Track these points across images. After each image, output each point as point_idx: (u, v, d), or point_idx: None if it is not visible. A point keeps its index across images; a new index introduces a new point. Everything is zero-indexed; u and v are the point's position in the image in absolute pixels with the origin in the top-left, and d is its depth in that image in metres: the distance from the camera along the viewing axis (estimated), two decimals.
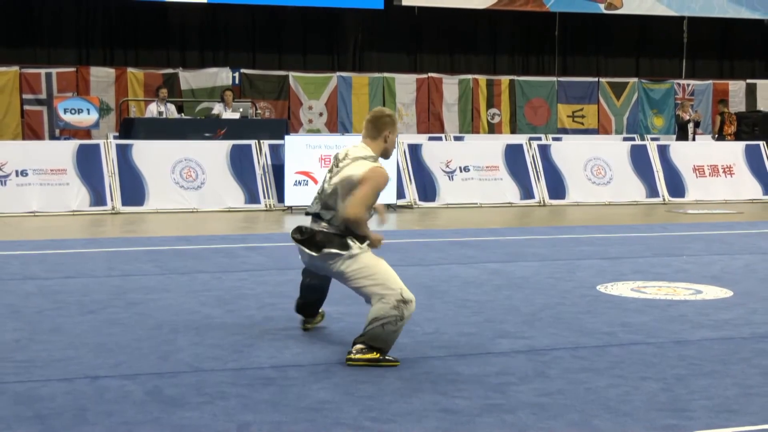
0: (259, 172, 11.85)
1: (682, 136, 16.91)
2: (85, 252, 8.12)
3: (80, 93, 16.50)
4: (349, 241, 4.47)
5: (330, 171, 4.64)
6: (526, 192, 12.75)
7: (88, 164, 11.24)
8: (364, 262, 4.45)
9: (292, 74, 18.25)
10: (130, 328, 5.11)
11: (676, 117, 17.97)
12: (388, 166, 13.26)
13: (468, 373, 4.26)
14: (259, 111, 15.40)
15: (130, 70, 17.42)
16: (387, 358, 4.37)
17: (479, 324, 5.30)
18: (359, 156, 4.57)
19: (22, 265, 7.24)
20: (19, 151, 11.28)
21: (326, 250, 4.47)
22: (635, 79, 20.19)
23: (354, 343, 4.40)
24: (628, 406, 3.80)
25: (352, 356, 4.36)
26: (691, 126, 16.95)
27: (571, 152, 13.34)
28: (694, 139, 16.83)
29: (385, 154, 4.69)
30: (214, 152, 11.80)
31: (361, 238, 4.50)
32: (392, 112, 4.76)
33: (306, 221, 4.73)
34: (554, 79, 19.84)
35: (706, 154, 13.88)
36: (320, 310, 5.13)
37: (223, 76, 17.76)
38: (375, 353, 4.34)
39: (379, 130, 4.60)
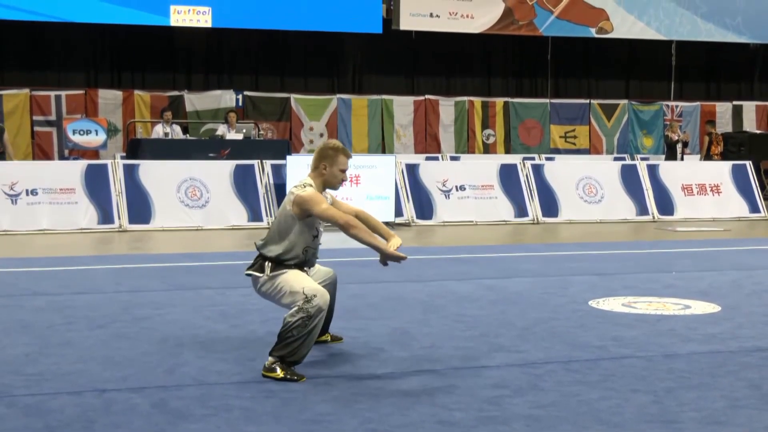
0: (261, 191, 11.97)
1: (671, 155, 17.09)
2: (93, 268, 8.19)
3: (89, 114, 16.63)
4: (265, 264, 4.63)
5: None
6: (520, 210, 12.88)
7: (96, 184, 11.35)
8: (277, 280, 4.58)
9: (293, 96, 18.42)
10: (137, 343, 5.17)
11: (665, 137, 18.15)
12: (387, 184, 13.33)
13: (464, 385, 4.32)
14: (261, 132, 15.55)
15: (137, 92, 17.57)
16: (289, 377, 4.38)
17: (474, 338, 5.36)
18: (293, 188, 4.69)
19: (33, 282, 7.31)
20: (29, 171, 11.40)
21: (247, 272, 4.72)
22: (625, 101, 20.38)
23: (269, 353, 4.47)
24: (619, 418, 3.86)
25: (264, 371, 4.45)
26: (679, 146, 17.13)
27: (564, 171, 13.48)
28: (682, 159, 17.00)
29: (327, 185, 4.69)
30: (219, 172, 11.93)
31: (278, 264, 4.58)
32: (339, 145, 4.74)
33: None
34: (547, 100, 20.02)
35: (694, 174, 14.03)
36: (331, 334, 5.16)
37: (226, 98, 17.92)
38: (280, 371, 4.39)
39: (317, 161, 4.70)
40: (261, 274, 4.64)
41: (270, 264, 4.63)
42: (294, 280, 4.55)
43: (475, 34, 19.02)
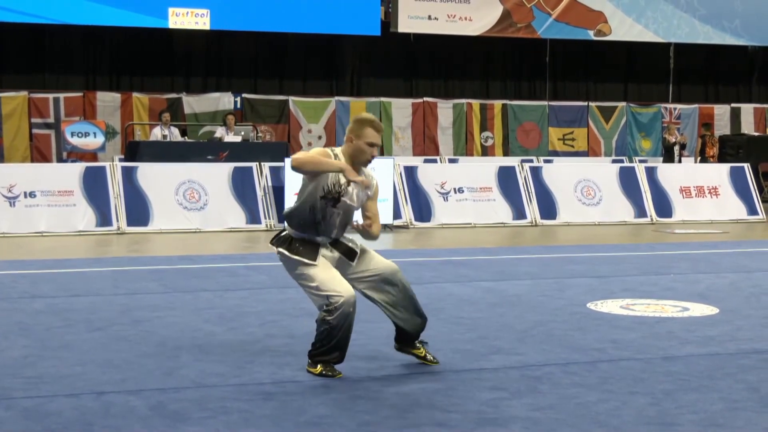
0: (260, 193, 11.98)
1: (668, 158, 17.13)
2: (91, 271, 8.20)
3: (87, 117, 16.64)
4: (281, 234, 4.61)
5: None
6: (519, 212, 12.89)
7: (94, 186, 11.35)
8: (303, 270, 4.52)
9: (292, 99, 18.44)
10: (135, 345, 5.18)
11: (663, 140, 18.19)
12: (386, 186, 13.35)
13: (462, 388, 4.33)
14: (260, 134, 15.58)
15: (135, 95, 17.58)
16: (326, 373, 4.49)
17: (473, 341, 5.38)
18: None
19: (31, 284, 7.32)
20: (27, 174, 11.40)
21: (277, 248, 4.61)
22: (624, 104, 20.41)
23: (308, 353, 4.59)
24: (617, 420, 3.87)
25: (308, 368, 4.59)
26: (676, 148, 17.17)
27: (562, 174, 13.50)
28: (680, 161, 17.03)
29: (354, 159, 4.52)
30: (217, 174, 11.94)
31: (289, 221, 4.54)
32: (369, 116, 4.60)
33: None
34: (545, 103, 20.05)
35: (692, 176, 14.05)
36: (427, 352, 4.79)
37: (225, 100, 17.94)
38: (318, 367, 4.52)
39: (348, 132, 4.62)
40: (276, 252, 4.61)
41: (283, 237, 4.58)
42: (319, 279, 4.47)
43: (474, 37, 19.04)
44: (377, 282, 4.64)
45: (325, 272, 4.51)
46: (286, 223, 4.66)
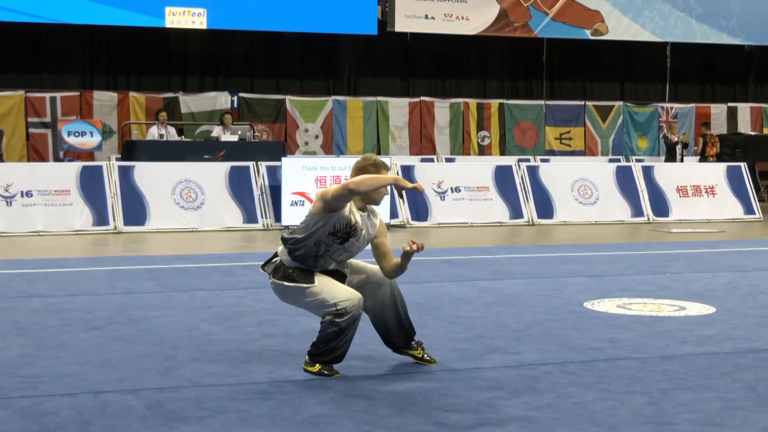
0: (257, 192, 11.98)
1: (670, 157, 17.16)
2: (88, 270, 8.20)
3: (84, 116, 16.64)
4: (274, 260, 4.58)
5: None
6: (516, 212, 12.90)
7: (91, 185, 11.36)
8: (304, 292, 4.50)
9: (288, 98, 18.43)
10: (132, 345, 5.18)
11: (665, 139, 18.21)
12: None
13: (459, 387, 4.33)
14: (257, 134, 15.58)
15: (132, 94, 17.57)
16: (324, 372, 4.50)
17: (470, 340, 5.38)
18: None
19: (28, 283, 7.32)
20: (24, 173, 11.40)
21: (271, 278, 4.58)
22: (620, 103, 20.43)
23: (308, 352, 4.58)
24: (614, 420, 3.87)
25: (304, 365, 4.58)
26: (679, 147, 17.20)
27: (559, 173, 13.52)
28: (682, 160, 17.05)
29: (368, 200, 4.56)
30: (214, 174, 11.94)
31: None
32: (378, 160, 4.56)
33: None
34: (542, 102, 20.06)
35: (689, 175, 14.08)
36: (424, 352, 4.79)
37: (222, 100, 17.94)
38: (317, 366, 4.52)
39: (356, 175, 4.54)
40: (270, 280, 4.59)
41: (276, 263, 4.55)
42: (325, 291, 4.44)
43: (471, 36, 19.05)
44: (371, 287, 4.64)
45: (327, 285, 4.50)
46: (280, 248, 4.59)
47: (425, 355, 4.79)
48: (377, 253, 4.68)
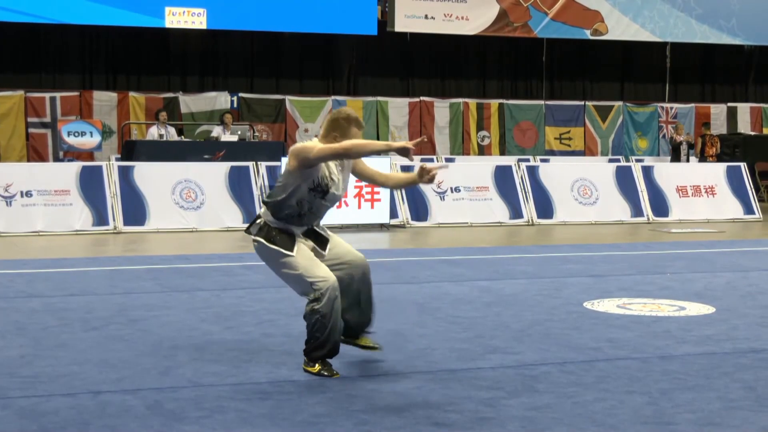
0: (256, 192, 11.98)
1: (676, 157, 17.18)
2: (88, 270, 8.20)
3: (83, 116, 16.64)
4: (257, 221, 4.57)
5: None
6: (515, 212, 12.90)
7: (91, 185, 11.36)
8: (282, 260, 4.48)
9: (288, 98, 18.44)
10: (131, 345, 5.18)
11: (670, 139, 18.23)
12: (382, 188, 13.25)
13: (459, 387, 4.33)
14: (256, 134, 15.58)
15: (131, 94, 17.58)
16: (323, 372, 4.48)
17: (470, 340, 5.38)
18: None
19: (28, 283, 7.32)
20: (24, 173, 11.40)
21: (254, 236, 4.57)
22: (620, 103, 20.44)
23: (303, 352, 4.57)
24: (614, 420, 3.87)
25: (304, 367, 4.56)
26: (684, 147, 17.21)
27: (559, 173, 13.52)
28: (687, 160, 17.06)
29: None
30: (214, 174, 11.94)
31: (275, 214, 4.49)
32: (352, 115, 4.51)
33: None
34: (542, 102, 20.07)
35: (689, 175, 14.08)
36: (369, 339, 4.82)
37: (221, 100, 17.94)
38: (316, 366, 4.50)
39: (328, 129, 4.52)
40: (254, 240, 4.58)
41: (260, 224, 4.55)
42: (301, 266, 4.44)
43: (470, 36, 19.06)
44: (345, 273, 4.62)
45: (306, 260, 4.49)
46: (263, 209, 4.60)
47: (369, 342, 4.80)
48: (367, 176, 4.72)
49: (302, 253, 4.50)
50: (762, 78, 21.78)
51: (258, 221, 4.62)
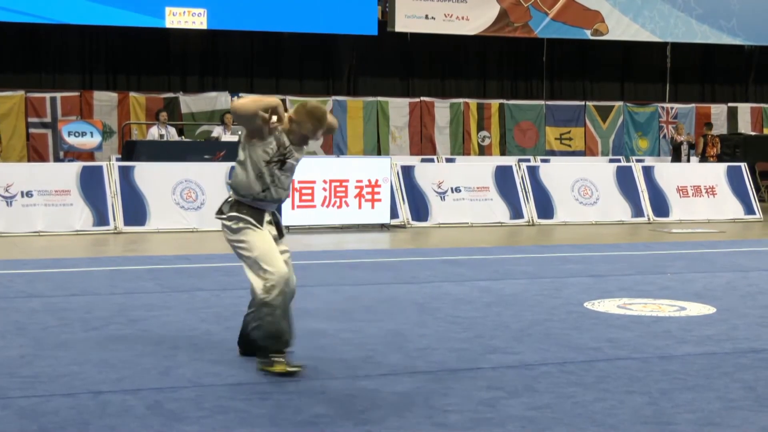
0: None
1: (676, 157, 17.17)
2: (88, 270, 8.20)
3: (84, 117, 16.63)
4: (226, 203, 4.61)
5: None
6: (516, 212, 12.90)
7: (91, 185, 11.35)
8: (242, 237, 4.51)
9: (288, 98, 18.42)
10: (132, 345, 5.18)
11: (671, 139, 18.22)
12: (383, 186, 13.28)
13: (459, 387, 4.33)
14: None
15: (132, 94, 17.58)
16: (288, 369, 4.45)
17: (470, 340, 5.38)
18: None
19: (28, 283, 7.32)
20: (24, 173, 11.39)
21: (217, 216, 4.64)
22: (620, 103, 20.44)
23: (257, 350, 4.56)
24: (614, 420, 3.87)
25: (261, 366, 4.54)
26: (684, 147, 17.20)
27: (559, 173, 13.52)
28: (688, 160, 17.05)
29: (252, 134, 4.55)
30: (214, 174, 11.94)
31: (237, 196, 4.54)
32: (318, 112, 4.53)
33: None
34: (542, 102, 20.07)
35: (689, 175, 14.08)
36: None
37: (222, 100, 17.93)
38: (276, 366, 4.47)
39: (293, 116, 4.58)
40: (224, 218, 4.60)
41: (230, 202, 4.59)
42: (259, 250, 4.46)
43: (471, 36, 19.06)
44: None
45: (266, 244, 4.51)
46: (232, 192, 4.64)
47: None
48: None
49: (264, 237, 4.53)
50: (762, 78, 21.78)
51: (229, 199, 4.66)
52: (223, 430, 3.71)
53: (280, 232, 4.71)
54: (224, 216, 4.61)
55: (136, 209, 11.43)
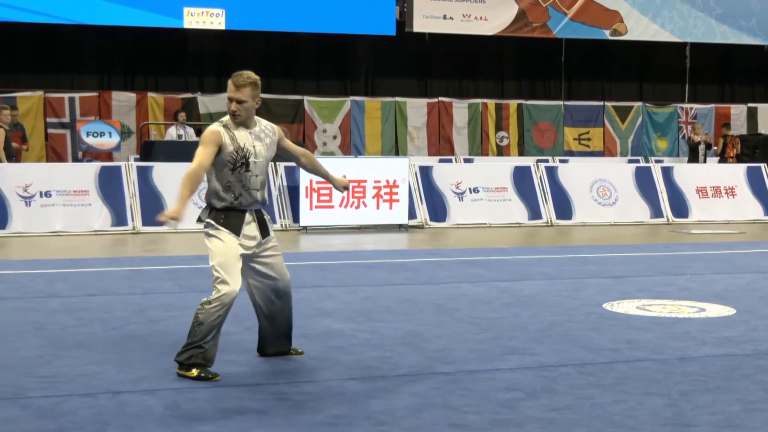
0: (275, 192, 12.00)
1: (693, 157, 17.04)
2: (107, 270, 8.24)
3: (102, 117, 16.72)
4: (203, 211, 4.67)
5: None
6: (534, 212, 12.86)
7: (109, 186, 11.42)
8: (211, 241, 4.56)
9: (306, 98, 18.47)
10: (150, 345, 5.20)
11: (688, 139, 18.08)
12: (401, 186, 13.31)
13: (477, 388, 4.33)
14: None
15: (150, 94, 17.66)
16: (202, 375, 4.43)
17: (488, 341, 5.37)
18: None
19: (47, 284, 7.36)
20: (43, 173, 11.47)
21: (197, 221, 4.71)
22: (639, 103, 20.31)
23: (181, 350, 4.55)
24: (633, 422, 3.85)
25: (179, 371, 4.52)
26: (702, 148, 17.07)
27: (578, 174, 13.46)
28: (705, 161, 16.92)
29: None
30: None
31: (213, 205, 4.61)
32: (235, 73, 4.64)
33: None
34: (561, 103, 19.98)
35: (708, 176, 13.98)
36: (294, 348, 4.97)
37: None
38: (193, 370, 4.45)
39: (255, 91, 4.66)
40: (202, 224, 4.67)
41: (207, 209, 4.66)
42: (218, 260, 4.49)
43: (489, 36, 19.01)
44: (267, 287, 4.76)
45: (229, 256, 4.50)
46: (207, 209, 4.69)
47: (293, 350, 4.94)
48: (291, 156, 4.89)
49: (229, 248, 4.52)
50: None
51: (207, 207, 4.71)
52: (241, 431, 3.71)
53: (266, 231, 4.68)
54: (202, 222, 4.68)
55: (154, 209, 11.46)
